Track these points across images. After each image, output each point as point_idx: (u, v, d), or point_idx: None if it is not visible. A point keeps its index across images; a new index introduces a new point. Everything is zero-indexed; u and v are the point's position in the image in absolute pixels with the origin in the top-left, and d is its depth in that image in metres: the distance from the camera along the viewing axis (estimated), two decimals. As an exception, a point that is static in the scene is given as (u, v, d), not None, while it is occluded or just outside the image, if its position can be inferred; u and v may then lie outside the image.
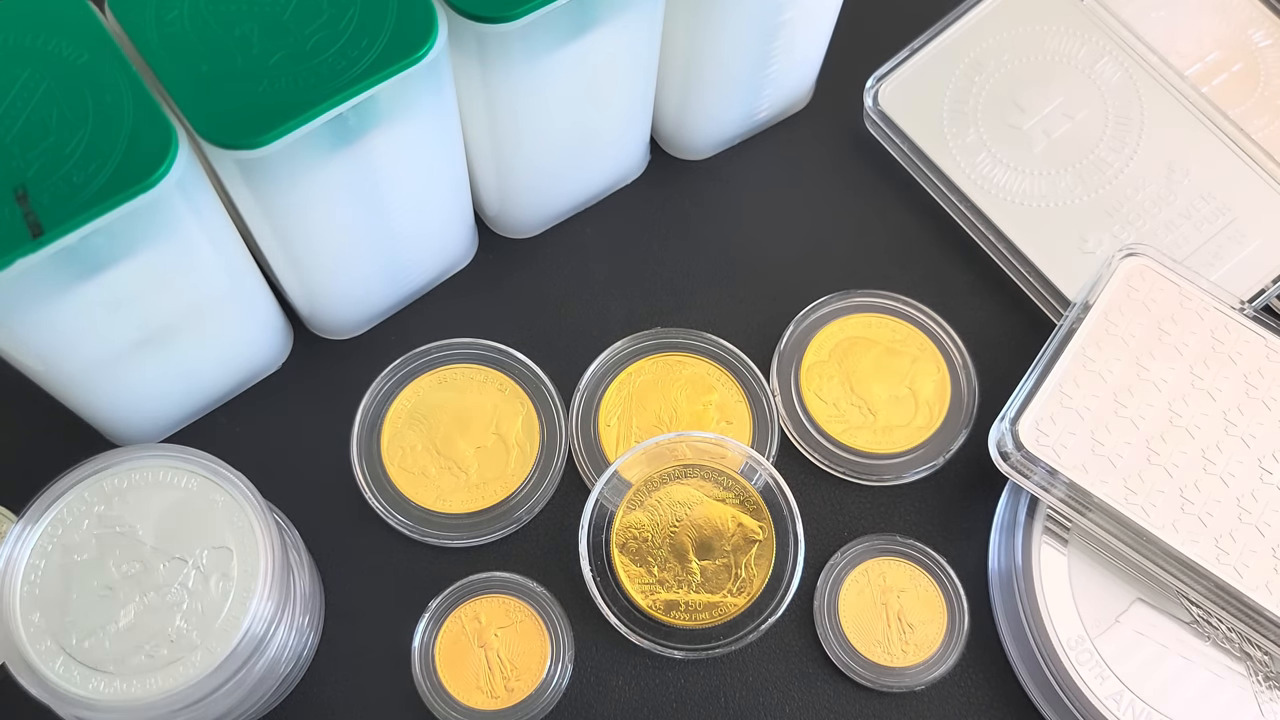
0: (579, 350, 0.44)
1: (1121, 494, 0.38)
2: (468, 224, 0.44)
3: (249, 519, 0.34)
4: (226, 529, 0.34)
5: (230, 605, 0.33)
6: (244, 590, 0.33)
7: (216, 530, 0.33)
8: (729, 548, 0.40)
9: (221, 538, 0.33)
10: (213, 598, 0.33)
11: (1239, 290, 0.43)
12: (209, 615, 0.33)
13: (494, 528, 0.41)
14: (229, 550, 0.33)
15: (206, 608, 0.33)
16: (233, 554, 0.33)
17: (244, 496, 0.34)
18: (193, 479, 0.34)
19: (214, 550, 0.33)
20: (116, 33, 0.32)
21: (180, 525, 0.34)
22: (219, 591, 0.33)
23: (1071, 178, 0.45)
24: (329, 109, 0.31)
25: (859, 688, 0.40)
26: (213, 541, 0.33)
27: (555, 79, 0.37)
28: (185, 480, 0.34)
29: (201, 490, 0.34)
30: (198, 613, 0.33)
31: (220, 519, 0.34)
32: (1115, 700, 0.37)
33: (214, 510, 0.34)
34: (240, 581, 0.33)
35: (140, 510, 0.34)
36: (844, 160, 0.48)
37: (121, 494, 0.34)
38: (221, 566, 0.33)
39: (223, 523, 0.34)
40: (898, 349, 0.44)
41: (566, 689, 0.39)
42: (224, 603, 0.33)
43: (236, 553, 0.33)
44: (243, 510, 0.34)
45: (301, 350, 0.44)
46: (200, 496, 0.34)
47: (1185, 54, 0.47)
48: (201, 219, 0.33)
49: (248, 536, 0.33)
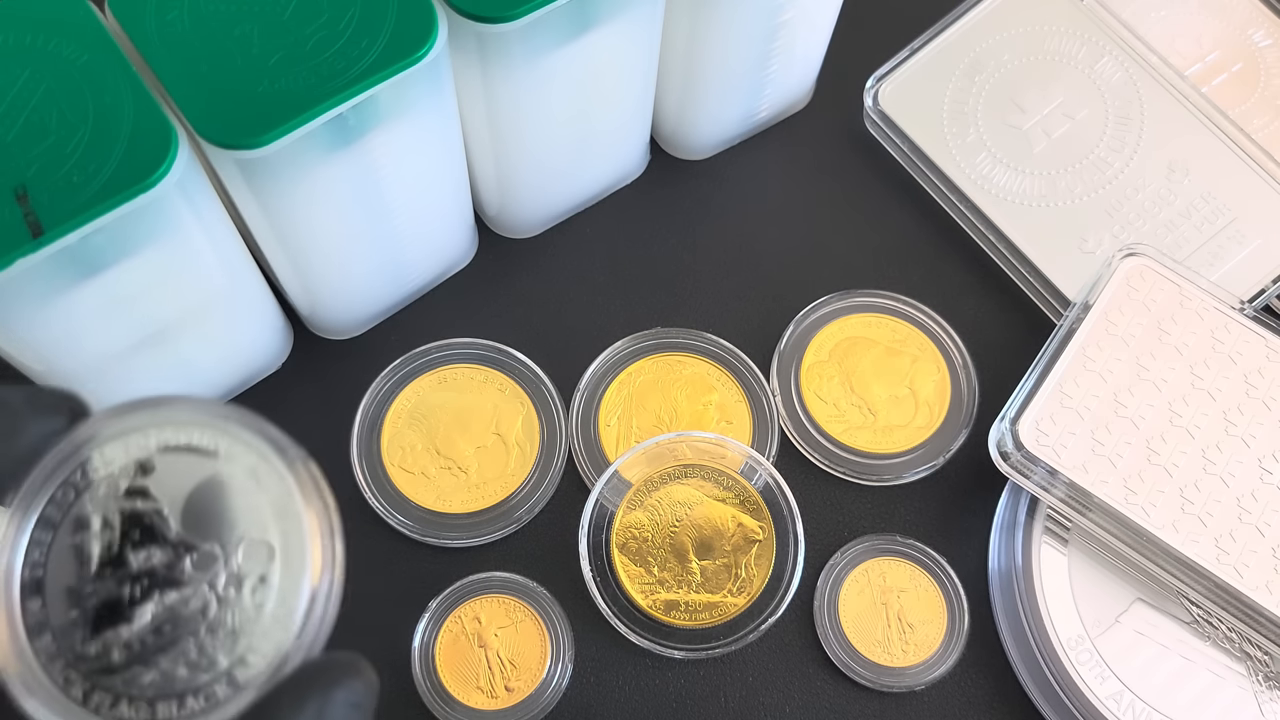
0: (579, 350, 0.44)
1: (1121, 494, 0.38)
2: (468, 224, 0.44)
3: (299, 509, 0.25)
4: (270, 519, 0.26)
5: (267, 622, 0.25)
6: (286, 604, 0.25)
7: (258, 519, 0.26)
8: (729, 548, 0.40)
9: (263, 529, 0.25)
10: (245, 610, 0.25)
11: (1239, 290, 0.43)
12: (239, 633, 0.25)
13: (494, 528, 0.41)
14: (270, 547, 0.25)
15: (238, 622, 0.25)
16: (275, 553, 0.25)
17: (296, 475, 0.26)
18: (233, 445, 0.26)
19: (252, 545, 0.25)
20: (116, 33, 0.32)
21: (213, 508, 0.26)
22: (254, 603, 0.25)
23: (1071, 178, 0.45)
24: (329, 109, 0.31)
25: (859, 688, 0.40)
26: (252, 533, 0.25)
27: (555, 79, 0.37)
28: (224, 446, 0.26)
29: (243, 461, 0.26)
30: (226, 627, 0.25)
31: (264, 504, 0.26)
32: (1115, 700, 0.37)
33: (257, 490, 0.26)
34: (282, 591, 0.25)
35: (166, 481, 0.26)
36: (844, 160, 0.48)
37: (148, 454, 0.26)
38: (260, 568, 0.25)
39: (266, 509, 0.26)
40: (898, 349, 0.44)
41: (566, 689, 0.39)
42: (258, 618, 0.25)
43: (280, 552, 0.25)
44: (291, 496, 0.26)
45: (301, 350, 0.44)
46: (241, 469, 0.26)
47: (1185, 54, 0.47)
48: (201, 219, 0.33)
49: (294, 530, 0.25)
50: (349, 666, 0.24)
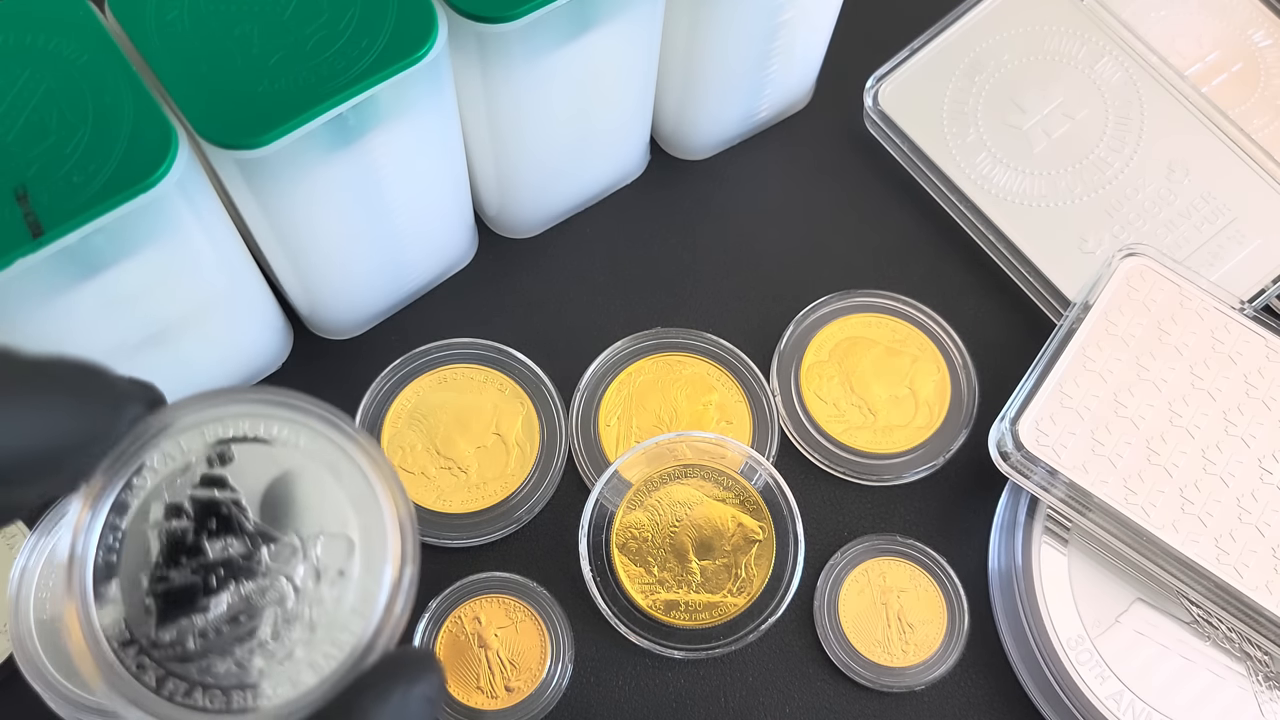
0: (579, 350, 0.44)
1: (1121, 494, 0.38)
2: (468, 224, 0.44)
3: (379, 503, 0.25)
4: (350, 513, 0.25)
5: (346, 615, 0.25)
6: (365, 597, 0.25)
7: (337, 513, 0.25)
8: (729, 548, 0.40)
9: (343, 523, 0.25)
10: (324, 603, 0.25)
11: (1239, 290, 0.43)
12: (317, 625, 0.25)
13: (494, 528, 0.41)
14: (350, 541, 0.25)
15: (316, 615, 0.25)
16: (354, 547, 0.25)
17: (377, 470, 0.25)
18: (314, 439, 0.26)
19: (331, 539, 0.25)
20: (116, 33, 0.32)
21: (293, 500, 0.26)
22: (332, 597, 0.25)
23: (1071, 178, 0.45)
24: (329, 109, 0.31)
25: (859, 688, 0.40)
26: (331, 527, 0.25)
27: (555, 79, 0.37)
28: (303, 439, 0.26)
29: (323, 456, 0.26)
30: (303, 620, 0.25)
31: (343, 498, 0.25)
32: (1115, 700, 0.37)
33: (336, 485, 0.26)
34: (361, 585, 0.25)
35: (245, 472, 0.26)
36: (844, 160, 0.48)
37: (226, 446, 0.26)
38: (339, 562, 0.25)
39: (345, 503, 0.25)
40: (898, 349, 0.44)
41: (566, 689, 0.39)
42: (337, 610, 0.25)
43: (360, 546, 0.25)
44: (371, 490, 0.25)
45: (301, 350, 0.44)
46: (321, 464, 0.26)
47: (1185, 54, 0.47)
48: (201, 219, 0.33)
49: (374, 524, 0.25)
50: (426, 660, 0.24)
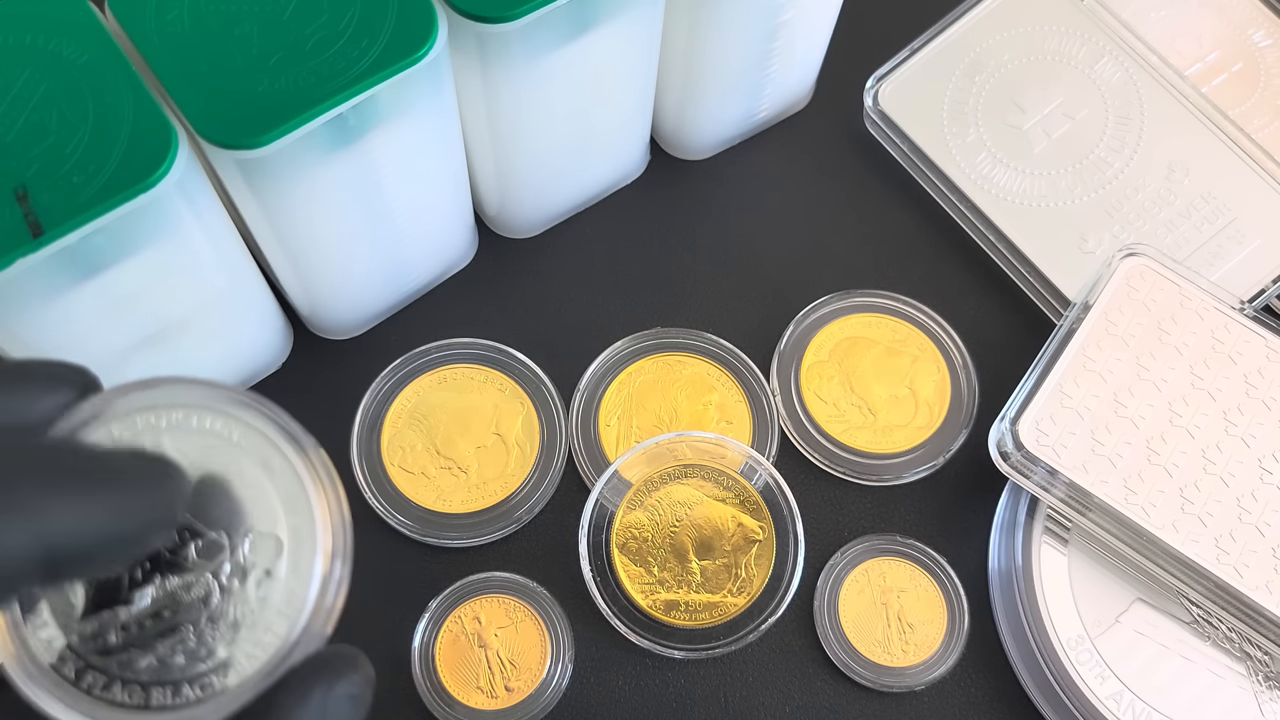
0: (579, 350, 0.44)
1: (1121, 494, 0.38)
2: (468, 224, 0.44)
3: (310, 501, 0.25)
4: (279, 510, 0.25)
5: (270, 615, 0.24)
6: (289, 597, 0.24)
7: (267, 509, 0.25)
8: (729, 548, 0.40)
9: (272, 521, 0.25)
10: (248, 602, 0.24)
11: (1239, 290, 0.43)
12: (240, 625, 0.24)
13: (494, 528, 0.41)
14: (278, 540, 0.25)
15: (240, 614, 0.24)
16: (283, 547, 0.25)
17: (309, 466, 0.25)
18: (246, 434, 0.25)
19: (260, 537, 0.25)
20: (116, 33, 0.32)
21: (221, 495, 0.25)
22: (257, 596, 0.24)
23: (1071, 178, 0.45)
24: (329, 109, 0.31)
25: (859, 688, 0.40)
26: (260, 524, 0.25)
27: (555, 79, 0.37)
28: (237, 434, 0.25)
29: (255, 450, 0.25)
30: (227, 619, 0.24)
31: (273, 494, 0.25)
32: (1115, 700, 0.37)
33: (267, 480, 0.25)
34: (288, 585, 0.24)
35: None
36: (844, 160, 0.48)
37: (155, 434, 0.25)
38: (266, 560, 0.25)
39: (275, 500, 0.25)
40: (898, 349, 0.44)
41: (566, 689, 0.39)
42: (262, 610, 0.24)
43: (289, 546, 0.25)
44: (302, 488, 0.25)
45: (301, 350, 0.44)
46: (252, 459, 0.25)
47: (1185, 54, 0.47)
48: (201, 219, 0.33)
49: (305, 524, 0.25)
50: (350, 660, 0.24)
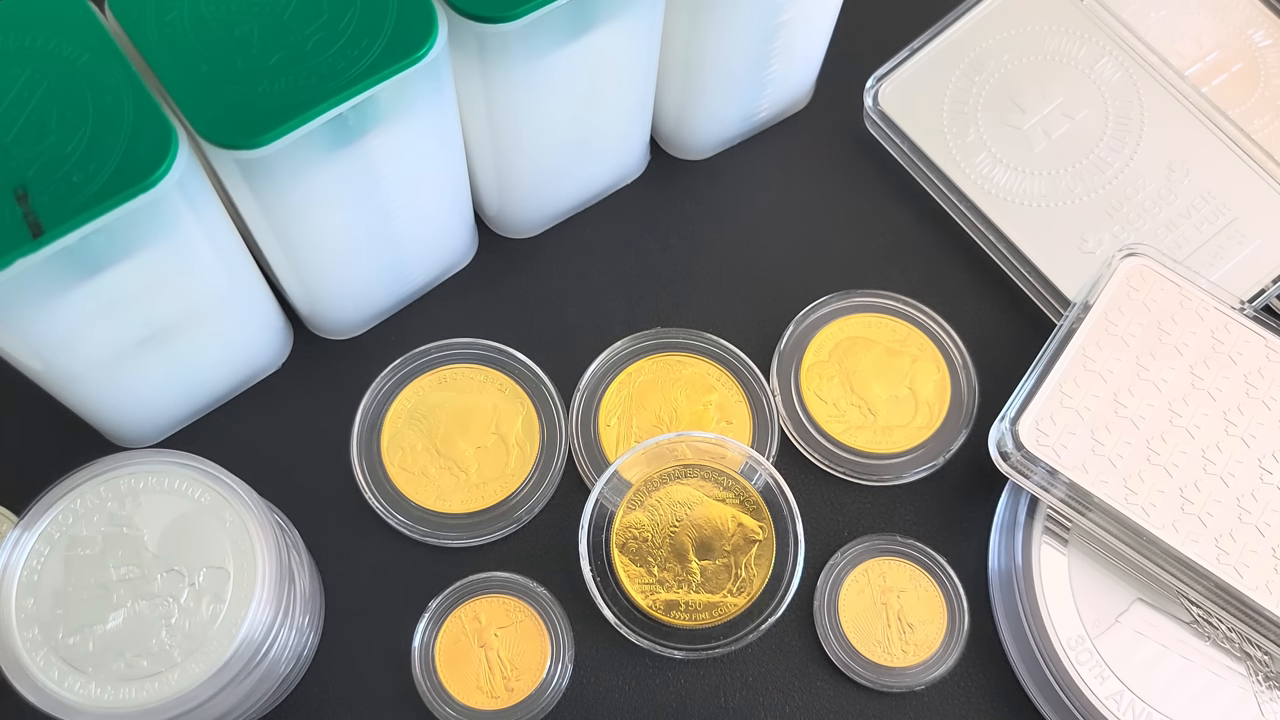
0: (579, 350, 0.44)
1: (1121, 494, 0.38)
2: (468, 224, 0.44)
3: (253, 545, 0.33)
4: (229, 551, 0.33)
5: (217, 630, 0.32)
6: (233, 617, 0.33)
7: (219, 550, 0.33)
8: (729, 548, 0.40)
9: (222, 559, 0.33)
10: (201, 619, 0.32)
11: (1239, 290, 0.43)
12: (194, 636, 0.32)
13: (494, 528, 0.41)
14: (227, 573, 0.33)
15: (193, 628, 0.32)
16: (230, 577, 0.33)
17: (253, 520, 0.34)
18: (206, 493, 0.34)
19: (212, 570, 0.33)
20: (116, 33, 0.32)
21: (185, 538, 0.33)
22: (209, 614, 0.32)
23: (1071, 178, 0.45)
24: (329, 109, 0.31)
25: (859, 688, 0.40)
26: (213, 561, 0.33)
27: (555, 79, 0.37)
28: (199, 493, 0.34)
29: (212, 506, 0.34)
30: (184, 631, 0.32)
31: (225, 539, 0.33)
32: (1115, 700, 0.37)
33: (220, 529, 0.34)
34: (231, 607, 0.33)
35: (150, 515, 0.33)
36: (844, 160, 0.48)
37: (135, 495, 0.34)
38: (216, 588, 0.33)
39: (226, 544, 0.33)
40: (898, 349, 0.44)
41: (566, 689, 0.39)
42: (211, 626, 0.32)
43: (234, 577, 0.33)
44: (247, 535, 0.33)
45: (301, 350, 0.44)
46: (210, 512, 0.34)
47: (1185, 54, 0.47)
48: (201, 219, 0.33)
49: (247, 562, 0.33)
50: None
